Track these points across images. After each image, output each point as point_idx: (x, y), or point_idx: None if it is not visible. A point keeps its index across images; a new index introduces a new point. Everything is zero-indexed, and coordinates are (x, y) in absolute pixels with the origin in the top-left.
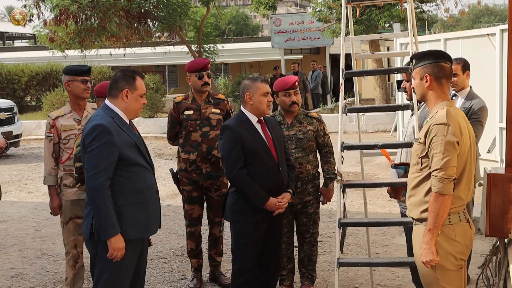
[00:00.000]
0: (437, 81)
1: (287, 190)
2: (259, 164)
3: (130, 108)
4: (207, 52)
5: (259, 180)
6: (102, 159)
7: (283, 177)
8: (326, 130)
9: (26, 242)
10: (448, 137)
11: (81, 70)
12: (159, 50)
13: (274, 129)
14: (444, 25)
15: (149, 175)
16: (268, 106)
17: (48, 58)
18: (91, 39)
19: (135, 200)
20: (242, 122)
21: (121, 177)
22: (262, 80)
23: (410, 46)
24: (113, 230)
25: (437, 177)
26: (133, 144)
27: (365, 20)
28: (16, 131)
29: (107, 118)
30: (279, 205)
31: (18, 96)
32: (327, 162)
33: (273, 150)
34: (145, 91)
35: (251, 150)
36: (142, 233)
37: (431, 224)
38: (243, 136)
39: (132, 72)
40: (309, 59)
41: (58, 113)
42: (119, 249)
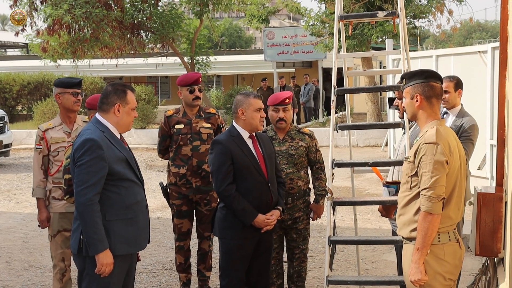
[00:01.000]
0: (427, 101)
1: (277, 207)
2: (249, 180)
3: (121, 123)
4: (200, 64)
5: (248, 196)
6: (92, 173)
7: (272, 194)
8: (317, 146)
9: (13, 254)
10: (437, 156)
11: (72, 82)
12: (152, 61)
13: (266, 145)
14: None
15: (139, 191)
16: (261, 122)
17: (40, 67)
18: (84, 49)
19: (124, 216)
20: (233, 137)
21: (111, 192)
22: (255, 96)
23: (402, 63)
24: (101, 246)
25: (425, 196)
26: (123, 159)
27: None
28: (6, 140)
29: (98, 133)
30: (268, 222)
31: (9, 105)
32: (318, 178)
33: (263, 167)
34: (136, 105)
35: (241, 165)
36: (131, 249)
37: (420, 243)
38: (233, 151)
39: (122, 86)
40: (302, 72)
41: (48, 125)
42: (107, 265)
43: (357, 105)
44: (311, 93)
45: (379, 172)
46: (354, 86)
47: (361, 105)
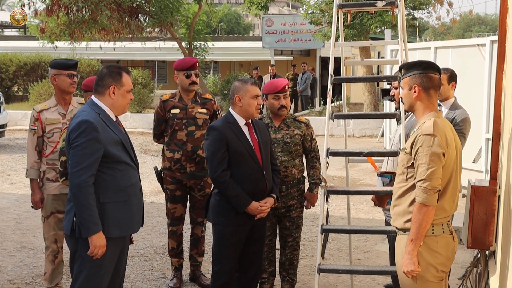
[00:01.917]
0: (426, 92)
1: (271, 195)
2: (244, 167)
3: (117, 105)
4: (197, 50)
5: (242, 183)
6: (87, 155)
7: (267, 181)
8: (313, 135)
9: (6, 234)
10: (433, 148)
11: (67, 64)
12: (149, 46)
13: (262, 133)
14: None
15: (134, 173)
16: (257, 109)
17: (38, 48)
18: (82, 31)
19: (118, 198)
20: (229, 123)
21: (105, 174)
22: (252, 82)
23: (400, 53)
24: (95, 228)
25: (421, 188)
26: (119, 141)
27: (357, 24)
28: (1, 121)
29: (93, 114)
30: (261, 209)
31: (5, 86)
32: (313, 167)
33: (259, 154)
34: (132, 87)
35: (236, 152)
36: (124, 231)
37: (414, 234)
38: (228, 138)
39: (118, 68)
40: (300, 60)
41: (43, 106)
42: (100, 247)
43: (354, 95)
44: (308, 82)
45: (374, 162)
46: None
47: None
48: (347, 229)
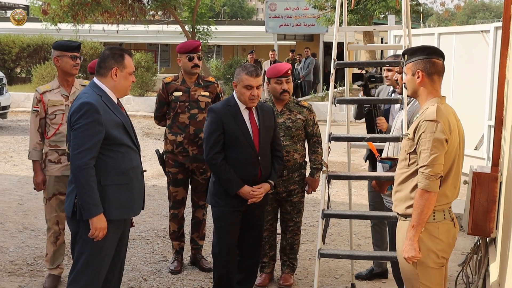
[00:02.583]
0: (429, 77)
1: (268, 180)
2: (238, 151)
3: (119, 87)
4: (201, 33)
5: (236, 167)
6: (88, 137)
7: (262, 167)
8: (315, 120)
9: (8, 215)
10: (436, 134)
11: (71, 46)
12: (152, 29)
13: (265, 118)
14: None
15: (135, 156)
16: (250, 99)
17: (40, 30)
18: (85, 13)
19: (119, 181)
20: (229, 106)
21: (107, 157)
22: (248, 72)
23: (403, 39)
24: (95, 210)
25: (423, 174)
26: (120, 124)
27: (361, 9)
28: (4, 102)
29: (95, 97)
30: (253, 194)
31: (8, 67)
32: (315, 152)
33: (256, 139)
34: (134, 69)
35: (231, 136)
36: (125, 214)
37: (415, 220)
38: (225, 120)
39: (120, 50)
40: (303, 45)
41: (45, 88)
42: (100, 229)
43: None
44: (311, 67)
45: (375, 147)
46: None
47: None
48: (348, 214)
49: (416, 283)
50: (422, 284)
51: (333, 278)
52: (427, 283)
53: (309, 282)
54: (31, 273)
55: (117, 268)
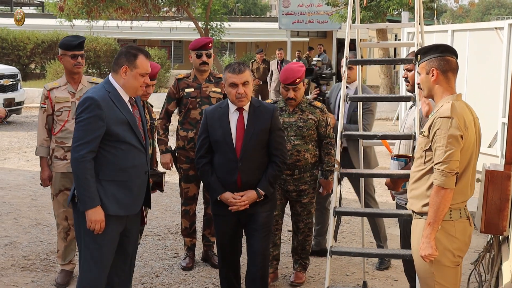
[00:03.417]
0: (444, 75)
1: (257, 188)
2: (220, 155)
3: (128, 85)
4: (214, 30)
5: (218, 172)
6: (88, 131)
7: (242, 174)
8: (328, 120)
9: (21, 211)
10: (451, 131)
11: (71, 44)
12: (166, 25)
13: (259, 120)
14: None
15: (138, 155)
16: (238, 98)
17: (55, 26)
18: (99, 9)
19: (118, 177)
20: (220, 108)
21: (108, 152)
22: (231, 69)
23: (416, 36)
24: (90, 202)
25: (439, 170)
26: (125, 121)
27: (374, 6)
28: (18, 98)
29: (102, 92)
30: (233, 201)
31: (23, 63)
32: (328, 153)
33: (239, 143)
34: (148, 71)
35: (214, 139)
36: (122, 211)
37: (432, 218)
38: (210, 123)
39: (136, 50)
40: (316, 42)
41: (53, 85)
42: (95, 222)
43: (370, 78)
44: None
45: (389, 145)
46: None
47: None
48: (360, 212)
49: (431, 282)
50: (438, 283)
51: (345, 275)
52: (442, 282)
53: (321, 280)
54: (44, 268)
55: (126, 265)
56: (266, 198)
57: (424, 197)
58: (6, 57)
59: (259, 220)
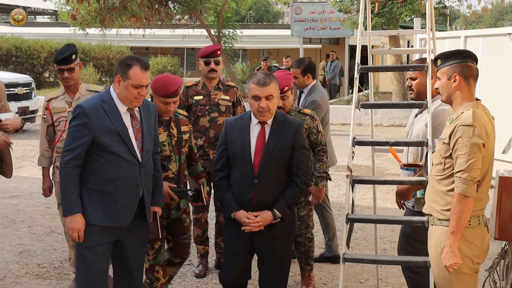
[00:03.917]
0: (466, 81)
1: (273, 209)
2: (237, 170)
3: (121, 96)
4: (226, 37)
5: (234, 188)
6: (74, 138)
7: (258, 192)
8: (319, 127)
9: (36, 219)
10: (474, 139)
11: (57, 59)
12: (178, 33)
13: (282, 135)
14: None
15: (127, 167)
16: (260, 112)
17: (69, 35)
18: (112, 18)
19: (103, 187)
20: (242, 120)
21: (95, 161)
22: (256, 80)
23: (428, 42)
24: (68, 209)
25: (460, 179)
26: (114, 131)
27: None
28: (32, 106)
29: (94, 101)
30: (247, 221)
31: (37, 72)
32: (320, 160)
33: (257, 159)
34: (142, 83)
35: (232, 152)
36: (107, 222)
37: (454, 226)
38: (229, 135)
39: (132, 60)
40: (328, 49)
41: (52, 95)
42: (73, 229)
43: (383, 84)
44: (337, 70)
45: (396, 153)
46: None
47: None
48: (373, 218)
49: None
50: None
51: (358, 282)
52: None
53: (334, 287)
54: (58, 276)
55: (131, 277)
56: (283, 221)
57: (443, 204)
58: (20, 66)
59: (273, 246)
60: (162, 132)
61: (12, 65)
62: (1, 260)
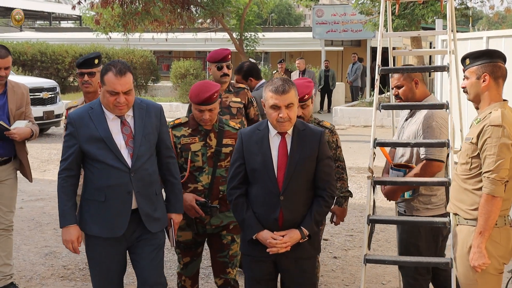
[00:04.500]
0: (495, 81)
1: (301, 227)
2: (258, 186)
3: (103, 103)
4: (248, 40)
5: (255, 207)
6: (65, 149)
7: (284, 209)
8: (339, 142)
9: None
10: (502, 140)
11: (78, 61)
12: (201, 36)
13: (305, 146)
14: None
15: (116, 175)
16: (280, 122)
17: (92, 40)
18: (135, 22)
19: (96, 197)
20: (258, 131)
21: (88, 171)
22: (273, 88)
23: (448, 43)
24: (62, 221)
25: (489, 179)
26: (99, 139)
27: (408, 14)
28: (57, 110)
29: (82, 109)
30: (273, 243)
31: (62, 76)
32: (340, 178)
33: (281, 173)
34: (116, 89)
35: (251, 167)
36: (102, 232)
37: (482, 226)
38: (247, 148)
39: (109, 65)
40: (350, 51)
41: (72, 103)
42: (66, 241)
43: None
44: (359, 72)
45: (387, 153)
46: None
47: None
48: (394, 219)
49: None
50: None
51: (380, 284)
52: None
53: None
54: (83, 277)
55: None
56: (309, 240)
57: (469, 203)
58: (45, 71)
59: (302, 267)
60: (197, 142)
61: (37, 70)
62: (27, 261)
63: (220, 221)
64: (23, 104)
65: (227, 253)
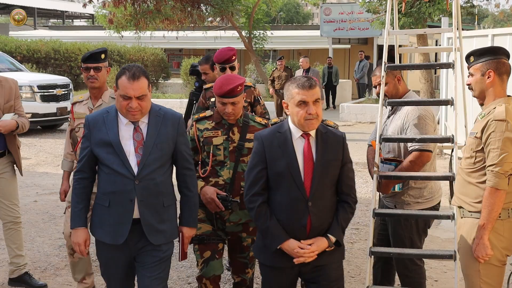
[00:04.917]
0: (500, 77)
1: (327, 234)
2: (283, 192)
3: (117, 107)
4: (257, 38)
5: (279, 213)
6: (81, 150)
7: (313, 216)
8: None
9: None
10: (506, 134)
11: (84, 56)
12: (211, 35)
13: (328, 149)
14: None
15: (121, 181)
16: (309, 120)
17: (104, 38)
18: (146, 21)
19: (102, 202)
20: (279, 133)
21: (99, 175)
22: (299, 84)
23: (454, 41)
24: (72, 223)
25: (493, 172)
26: (108, 143)
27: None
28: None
29: (99, 112)
30: (300, 253)
31: (74, 74)
32: None
33: (308, 178)
34: (128, 94)
35: (274, 172)
36: (107, 238)
37: (485, 219)
38: (269, 152)
39: (124, 69)
40: (357, 49)
41: (78, 98)
42: (74, 244)
43: (411, 83)
44: (365, 70)
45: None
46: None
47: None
48: (399, 213)
49: (477, 280)
50: (483, 281)
51: None
52: (488, 281)
53: (362, 280)
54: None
55: None
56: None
57: (473, 196)
58: (58, 68)
59: (329, 274)
60: (219, 135)
61: (51, 67)
62: (42, 253)
63: (239, 219)
64: (12, 97)
65: (247, 254)
